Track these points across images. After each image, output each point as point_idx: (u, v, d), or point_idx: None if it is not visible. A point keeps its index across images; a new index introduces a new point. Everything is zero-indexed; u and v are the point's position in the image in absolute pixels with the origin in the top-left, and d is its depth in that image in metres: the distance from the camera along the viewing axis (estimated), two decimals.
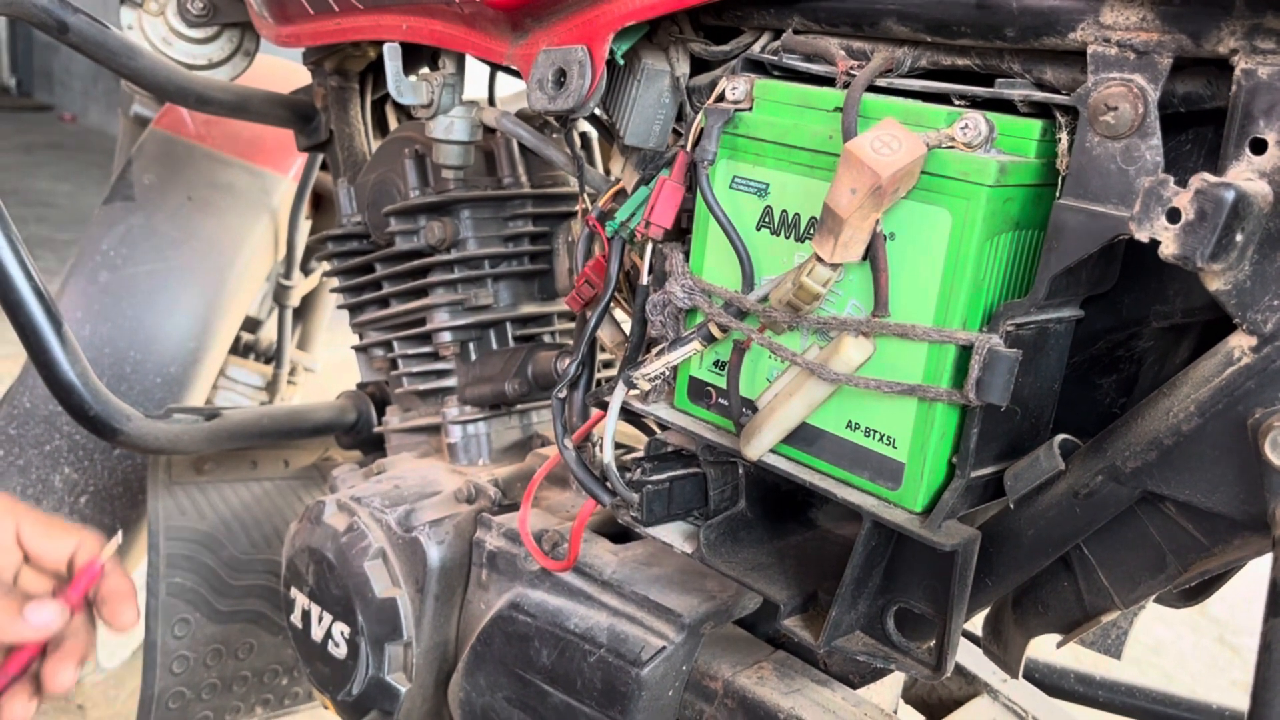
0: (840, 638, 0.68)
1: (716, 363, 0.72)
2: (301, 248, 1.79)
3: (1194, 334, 0.67)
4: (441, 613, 0.94)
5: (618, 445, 0.79)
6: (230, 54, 1.27)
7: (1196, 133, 0.60)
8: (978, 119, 0.58)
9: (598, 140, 1.19)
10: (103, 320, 1.54)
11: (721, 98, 0.70)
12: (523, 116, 1.01)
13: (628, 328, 0.81)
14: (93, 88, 8.34)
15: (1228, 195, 0.49)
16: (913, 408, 0.62)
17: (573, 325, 1.14)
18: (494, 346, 1.10)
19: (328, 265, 1.20)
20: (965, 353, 0.59)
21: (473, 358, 1.09)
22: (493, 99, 1.14)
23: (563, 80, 0.77)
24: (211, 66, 1.26)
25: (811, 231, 0.65)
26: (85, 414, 1.04)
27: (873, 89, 0.64)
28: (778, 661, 0.81)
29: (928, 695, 0.97)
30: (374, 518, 0.96)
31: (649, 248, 0.76)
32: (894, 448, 0.63)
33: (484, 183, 1.08)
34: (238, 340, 1.90)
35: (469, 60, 0.99)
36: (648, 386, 0.75)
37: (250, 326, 1.97)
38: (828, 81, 0.68)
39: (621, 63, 0.78)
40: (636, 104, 0.79)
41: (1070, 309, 0.63)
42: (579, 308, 0.85)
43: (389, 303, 1.14)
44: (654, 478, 0.74)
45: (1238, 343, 0.53)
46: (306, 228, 1.80)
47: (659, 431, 0.79)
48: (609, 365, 1.18)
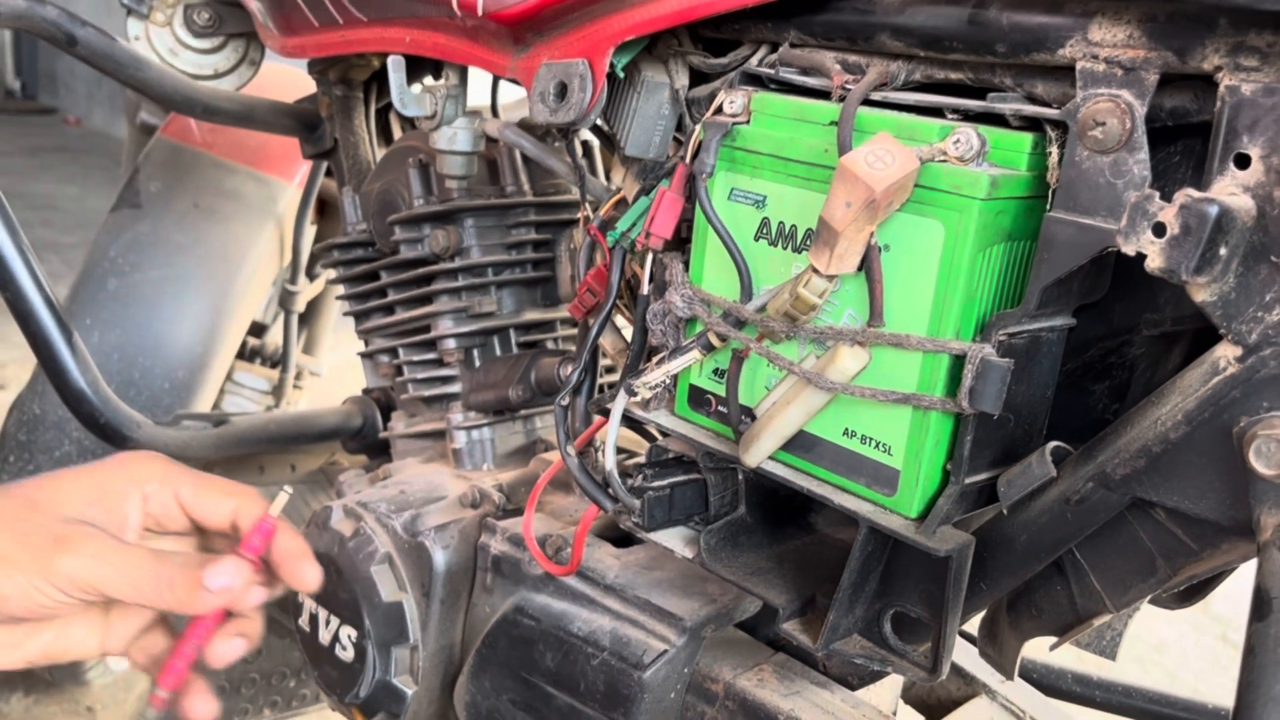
0: (838, 641, 0.70)
1: (716, 371, 0.74)
2: (307, 253, 1.80)
3: (1185, 341, 0.68)
4: (447, 616, 0.95)
5: (620, 450, 0.80)
6: (236, 64, 1.29)
7: (1185, 144, 0.62)
8: (969, 133, 0.59)
9: (599, 148, 1.20)
10: (111, 327, 1.56)
11: (720, 111, 0.71)
12: (525, 125, 1.02)
13: (629, 334, 0.83)
14: (97, 90, 8.36)
15: (1211, 210, 0.50)
16: (908, 416, 0.63)
17: (575, 330, 1.15)
18: (498, 353, 1.11)
19: (333, 272, 1.21)
20: (959, 362, 0.60)
21: (477, 364, 1.10)
22: (496, 110, 1.15)
23: (564, 93, 0.79)
24: (217, 76, 1.27)
25: (808, 243, 0.66)
26: (96, 422, 1.05)
27: (868, 102, 0.66)
28: (778, 664, 0.83)
29: (927, 695, 0.98)
30: (380, 523, 0.97)
31: (649, 258, 0.78)
32: (889, 455, 0.65)
33: (487, 191, 1.09)
34: (244, 345, 1.92)
35: (472, 69, 1.00)
36: (649, 394, 0.76)
37: (256, 331, 1.98)
38: (824, 95, 0.69)
39: (622, 75, 0.79)
40: (637, 116, 0.80)
41: (1062, 318, 0.64)
42: (581, 315, 0.87)
43: (394, 310, 1.15)
44: (655, 484, 0.76)
45: (1223, 353, 0.54)
46: (312, 233, 1.82)
47: (660, 438, 0.81)
48: (612, 370, 1.19)
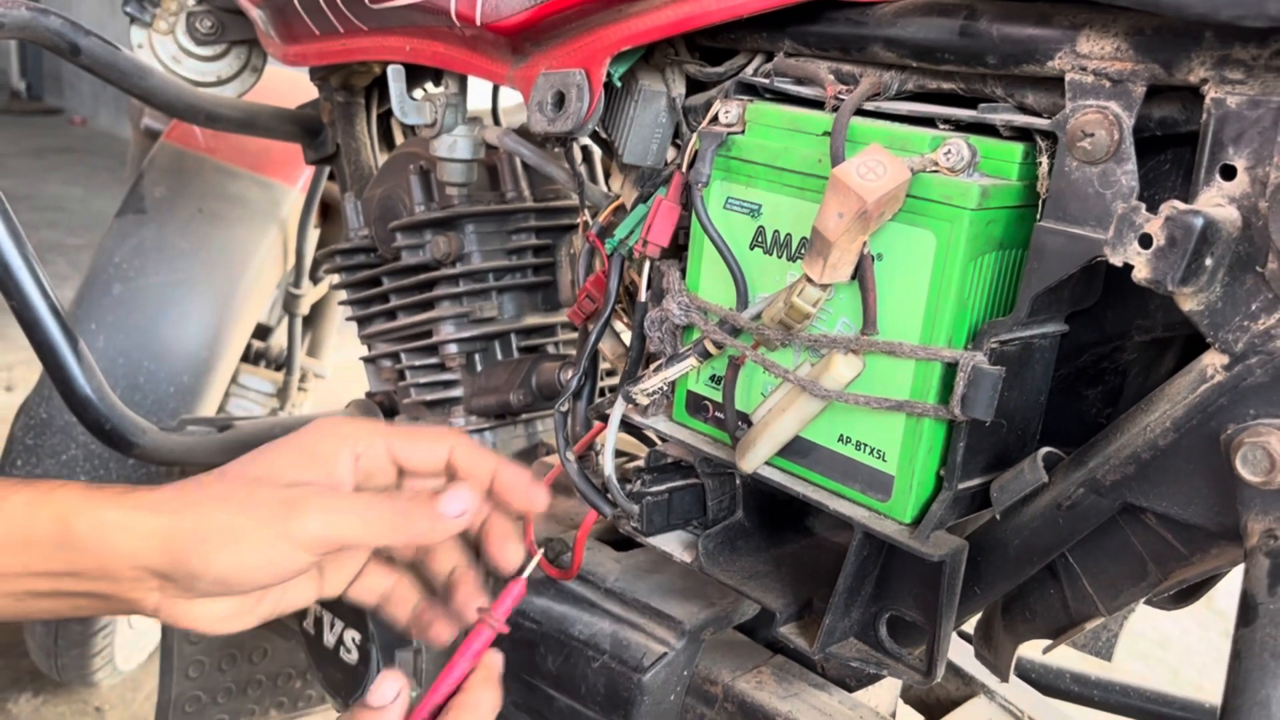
0: (834, 644, 0.70)
1: (713, 377, 0.75)
2: (310, 257, 1.81)
3: (1177, 347, 0.69)
4: None
5: (619, 453, 0.81)
6: (238, 70, 1.30)
7: (1175, 153, 0.62)
8: (960, 144, 0.60)
9: (599, 154, 1.21)
10: (117, 331, 1.57)
11: (715, 120, 0.72)
12: (524, 132, 1.03)
13: (628, 340, 0.84)
14: (102, 91, 8.38)
15: (1196, 222, 0.51)
16: (901, 422, 0.64)
17: (576, 335, 1.16)
18: (499, 357, 1.12)
19: (337, 276, 1.22)
20: (951, 369, 0.61)
21: (478, 368, 1.11)
22: (497, 118, 1.16)
23: (562, 103, 0.79)
24: (220, 83, 1.28)
25: (802, 252, 0.67)
26: (101, 428, 1.06)
27: (861, 113, 0.66)
28: (776, 666, 0.84)
29: (926, 696, 0.99)
30: None
31: (646, 265, 0.78)
32: (883, 461, 0.65)
33: (487, 197, 1.10)
34: (249, 348, 1.93)
35: (471, 77, 1.01)
36: (646, 400, 0.77)
37: (261, 334, 2.00)
38: (818, 105, 0.70)
39: (619, 85, 0.80)
40: (634, 124, 0.81)
41: (1054, 325, 0.65)
42: (581, 321, 0.88)
43: (396, 315, 1.16)
44: (654, 489, 0.77)
45: (1210, 361, 0.55)
46: (315, 237, 1.83)
47: (659, 443, 0.82)
48: (612, 374, 1.20)
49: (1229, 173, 0.53)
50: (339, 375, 2.21)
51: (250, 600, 0.72)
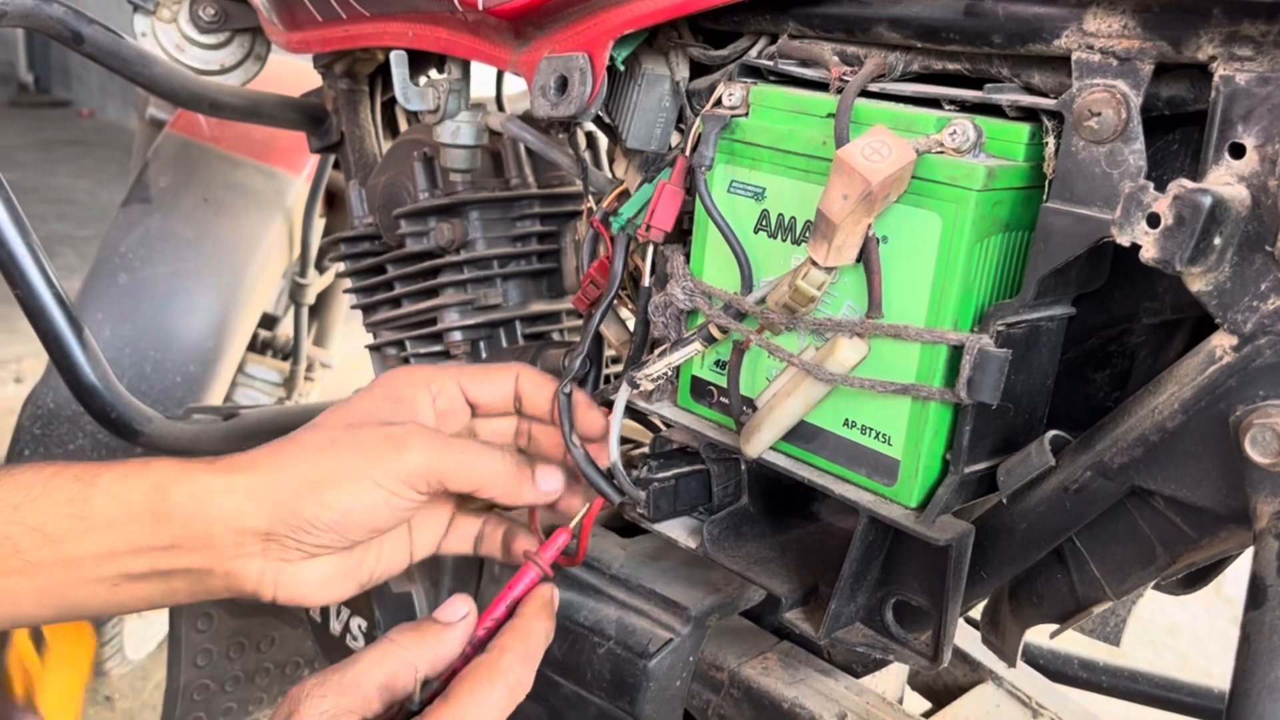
0: (840, 629, 0.70)
1: (718, 362, 0.74)
2: (316, 246, 1.81)
3: (1186, 329, 0.68)
4: None
5: (624, 440, 0.81)
6: (242, 59, 1.29)
7: (1183, 133, 0.62)
8: (966, 125, 0.59)
9: (604, 139, 1.20)
10: (123, 321, 1.57)
11: (719, 103, 0.72)
12: (528, 118, 1.03)
13: (632, 325, 0.83)
14: (110, 83, 8.40)
15: (1205, 201, 0.50)
16: (907, 406, 0.63)
17: (581, 322, 1.15)
18: (504, 345, 1.12)
19: (342, 265, 1.22)
20: (957, 353, 0.61)
21: (483, 356, 1.11)
22: (501, 104, 1.16)
23: (564, 87, 0.79)
24: (224, 71, 1.28)
25: (807, 235, 0.67)
26: (107, 416, 1.06)
27: (866, 94, 0.66)
28: (782, 652, 0.83)
29: (933, 681, 0.99)
30: None
31: (650, 250, 0.78)
32: (889, 445, 0.65)
33: (491, 184, 1.10)
34: (255, 337, 1.93)
35: (475, 62, 1.00)
36: (651, 386, 0.76)
37: (267, 324, 2.00)
38: (822, 87, 0.69)
39: (622, 68, 0.80)
40: (637, 108, 0.81)
41: (1061, 307, 0.64)
42: (585, 307, 0.87)
43: (401, 303, 1.16)
44: (659, 475, 0.76)
45: (1219, 342, 0.54)
46: (320, 226, 1.83)
47: (664, 429, 0.81)
48: (618, 361, 1.19)
49: (1238, 151, 0.52)
50: (346, 364, 2.21)
51: (351, 562, 0.73)
